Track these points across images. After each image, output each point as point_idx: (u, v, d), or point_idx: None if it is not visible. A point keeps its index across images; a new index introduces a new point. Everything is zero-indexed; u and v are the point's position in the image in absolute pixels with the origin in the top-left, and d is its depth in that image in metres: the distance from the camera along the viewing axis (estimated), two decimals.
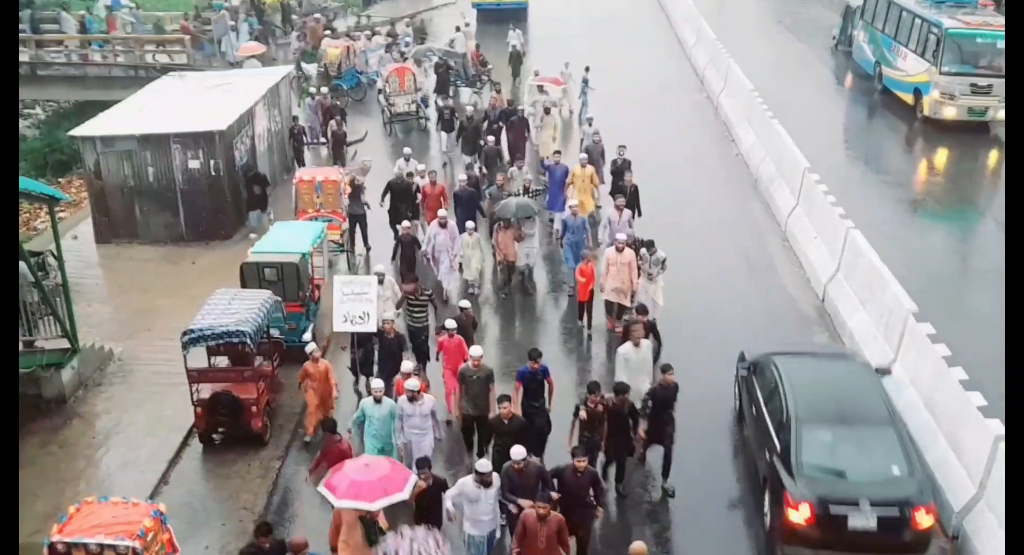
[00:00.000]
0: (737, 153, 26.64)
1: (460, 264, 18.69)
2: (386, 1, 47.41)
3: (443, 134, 26.07)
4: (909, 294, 15.60)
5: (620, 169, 21.18)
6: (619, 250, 16.80)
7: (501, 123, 24.95)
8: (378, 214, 20.70)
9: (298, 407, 15.54)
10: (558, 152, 22.32)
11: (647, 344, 14.20)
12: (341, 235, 20.28)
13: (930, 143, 27.65)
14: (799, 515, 11.68)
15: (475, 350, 13.71)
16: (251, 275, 16.47)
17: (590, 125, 24.26)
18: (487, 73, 30.97)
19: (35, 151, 31.76)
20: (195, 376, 14.40)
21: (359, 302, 14.97)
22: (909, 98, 29.08)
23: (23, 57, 31.13)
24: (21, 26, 32.80)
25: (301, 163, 25.18)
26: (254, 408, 14.35)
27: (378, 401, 13.08)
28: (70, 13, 33.24)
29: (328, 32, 35.04)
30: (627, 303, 16.83)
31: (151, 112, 22.52)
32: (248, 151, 22.85)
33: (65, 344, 15.90)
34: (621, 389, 12.88)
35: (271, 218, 21.27)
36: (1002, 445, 11.83)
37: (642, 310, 15.10)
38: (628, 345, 14.03)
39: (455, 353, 14.60)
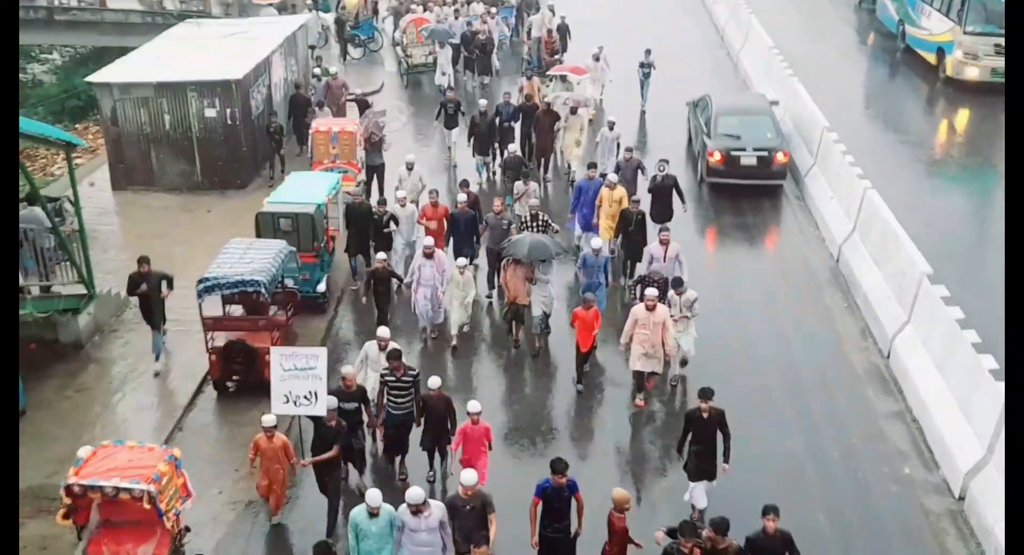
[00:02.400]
0: None
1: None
2: None
3: (447, 132, 22.74)
4: (925, 256, 15.54)
5: (662, 187, 17.92)
6: (650, 308, 13.65)
7: (512, 123, 21.87)
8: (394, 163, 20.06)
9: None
10: (593, 165, 18.66)
11: None
12: (356, 186, 20.26)
13: (952, 104, 27.33)
14: (714, 159, 20.86)
15: (467, 476, 10.67)
16: (266, 225, 16.53)
17: (611, 129, 20.68)
18: (559, 63, 26.63)
19: (52, 97, 31.81)
20: (210, 324, 14.52)
21: (304, 380, 12.45)
22: (932, 58, 28.67)
23: (41, 1, 31.03)
24: None
25: (279, 165, 22.01)
26: (268, 357, 14.45)
27: (374, 515, 10.38)
28: None
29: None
30: (659, 369, 14.18)
31: (168, 59, 22.46)
32: (264, 100, 22.79)
33: (82, 290, 16.04)
34: (721, 526, 9.88)
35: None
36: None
37: (707, 393, 11.76)
38: None
39: (478, 443, 11.98)
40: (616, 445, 14.01)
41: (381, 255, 16.01)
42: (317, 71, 25.00)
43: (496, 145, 21.73)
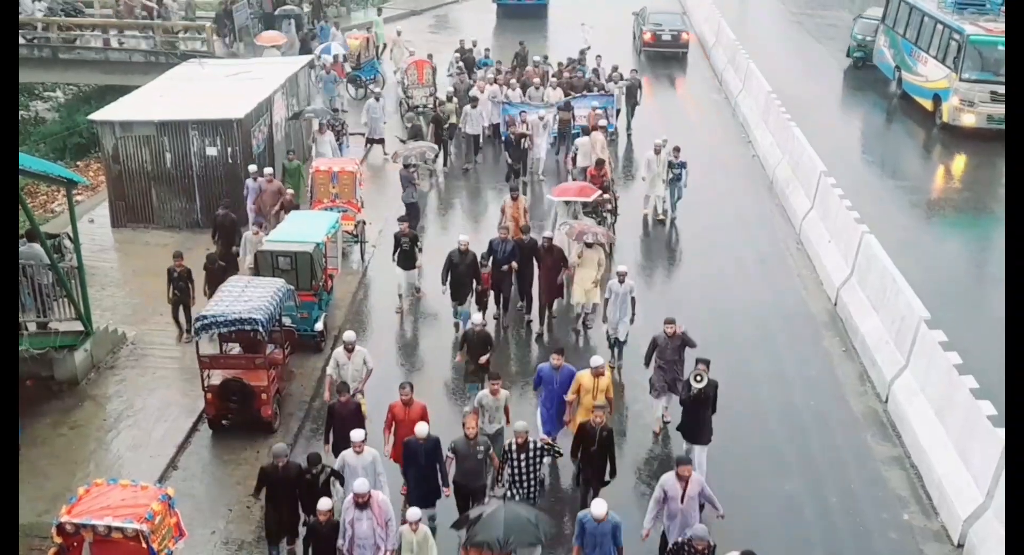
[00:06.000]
0: (754, 154, 26.57)
1: None
2: None
3: (400, 272, 17.95)
4: (923, 301, 15.56)
5: (699, 399, 12.83)
6: None
7: (511, 265, 16.92)
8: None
9: (307, 395, 15.62)
10: (559, 351, 13.78)
11: None
12: (355, 226, 20.31)
13: (948, 150, 27.54)
14: (647, 37, 36.19)
15: None
16: (265, 263, 16.54)
17: (622, 282, 15.64)
18: (612, 203, 20.25)
19: (54, 134, 31.93)
20: (206, 362, 14.47)
21: None
22: (928, 104, 28.95)
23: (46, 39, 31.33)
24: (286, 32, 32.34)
25: (184, 320, 17.01)
26: (264, 395, 14.40)
27: None
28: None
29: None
30: None
31: (170, 98, 22.60)
32: (265, 139, 22.93)
33: (79, 327, 15.98)
34: None
35: None
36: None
37: None
38: None
39: None
40: None
41: (325, 504, 11.08)
42: (253, 169, 20.50)
43: (478, 291, 17.08)
